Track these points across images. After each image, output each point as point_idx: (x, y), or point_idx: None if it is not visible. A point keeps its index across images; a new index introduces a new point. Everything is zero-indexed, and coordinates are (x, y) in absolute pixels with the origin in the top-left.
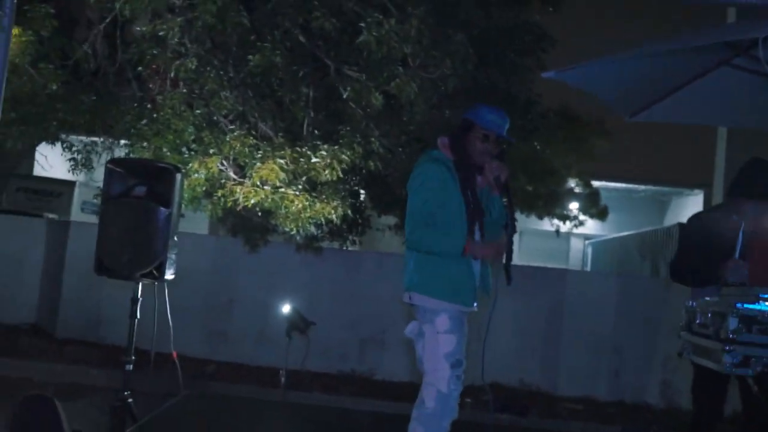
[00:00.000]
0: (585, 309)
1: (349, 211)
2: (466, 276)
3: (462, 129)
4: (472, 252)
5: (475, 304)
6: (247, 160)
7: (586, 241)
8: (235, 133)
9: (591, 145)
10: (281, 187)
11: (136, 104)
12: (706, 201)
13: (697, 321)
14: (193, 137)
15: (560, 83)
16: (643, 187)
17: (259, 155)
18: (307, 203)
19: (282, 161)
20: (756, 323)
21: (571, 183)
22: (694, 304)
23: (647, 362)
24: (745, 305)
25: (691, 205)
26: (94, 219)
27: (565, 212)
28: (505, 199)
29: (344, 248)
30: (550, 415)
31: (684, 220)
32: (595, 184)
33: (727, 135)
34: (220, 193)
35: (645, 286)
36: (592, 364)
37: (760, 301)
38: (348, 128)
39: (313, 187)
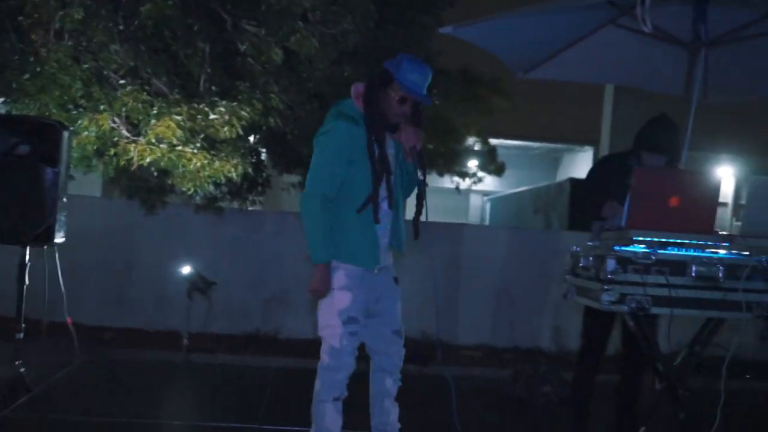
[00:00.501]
0: (482, 262)
1: (250, 170)
2: (366, 238)
3: (379, 82)
4: (314, 277)
5: (378, 266)
6: (140, 117)
7: (485, 198)
8: (127, 89)
9: (490, 104)
10: (178, 146)
11: (16, 57)
12: (595, 157)
13: (581, 264)
14: (81, 93)
15: (462, 42)
16: (537, 144)
17: (154, 112)
18: (206, 161)
19: (178, 118)
20: (631, 263)
21: (471, 141)
22: (578, 248)
23: (540, 310)
24: (622, 248)
25: (580, 161)
26: None
27: (464, 170)
28: (420, 172)
29: (245, 208)
30: (450, 363)
31: (575, 175)
32: (493, 141)
33: (614, 93)
34: (112, 151)
35: (538, 238)
36: (489, 313)
37: (634, 244)
38: (247, 84)
39: (211, 145)
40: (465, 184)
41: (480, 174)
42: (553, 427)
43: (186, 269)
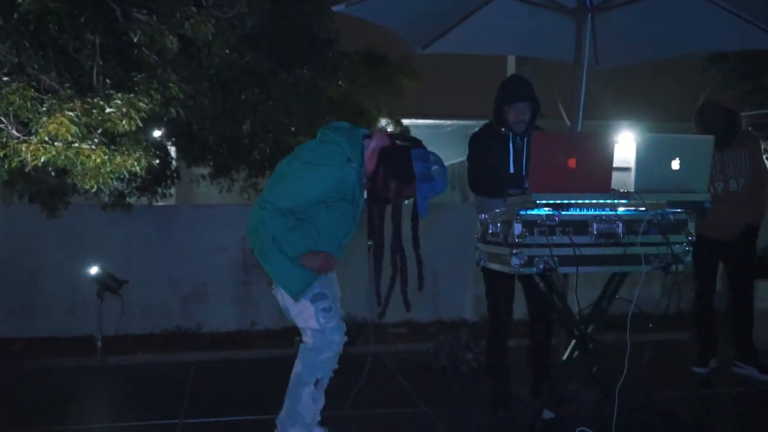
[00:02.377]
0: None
1: (155, 163)
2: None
3: (401, 176)
4: (304, 261)
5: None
6: (30, 116)
7: None
8: (13, 87)
9: (399, 85)
10: (75, 143)
11: None
12: None
13: (490, 231)
14: None
15: (365, 23)
16: (448, 122)
17: (44, 109)
18: (106, 157)
19: (71, 114)
20: (536, 226)
21: (383, 122)
22: (486, 216)
23: (461, 282)
24: (526, 211)
25: None
26: None
27: None
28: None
29: (155, 203)
30: (377, 341)
31: None
32: (405, 122)
33: (515, 64)
34: (2, 153)
35: (457, 213)
36: (412, 289)
37: (538, 207)
38: (143, 75)
39: (111, 140)
40: None
41: None
42: (479, 392)
43: (94, 270)
